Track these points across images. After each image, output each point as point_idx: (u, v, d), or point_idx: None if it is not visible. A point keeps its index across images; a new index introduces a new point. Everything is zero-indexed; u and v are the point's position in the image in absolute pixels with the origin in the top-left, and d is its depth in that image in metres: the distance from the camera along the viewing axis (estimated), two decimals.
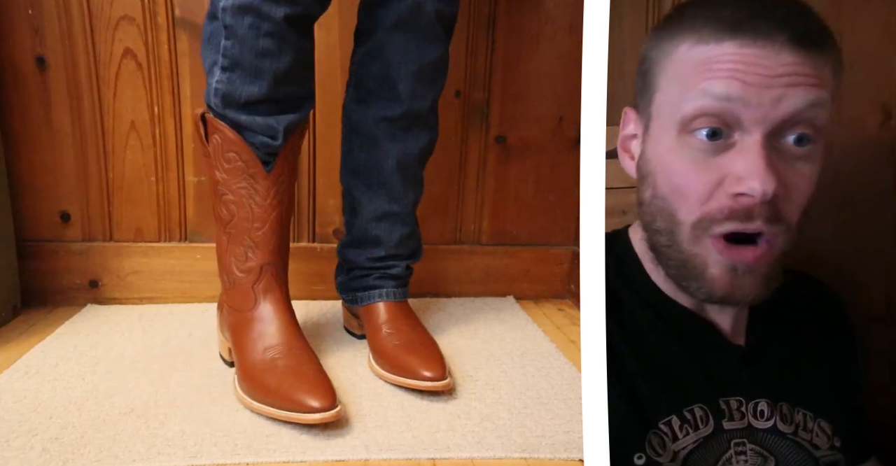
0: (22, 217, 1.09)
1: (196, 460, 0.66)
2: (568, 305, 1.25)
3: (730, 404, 0.54)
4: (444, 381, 0.80)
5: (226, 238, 0.84)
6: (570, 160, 1.22)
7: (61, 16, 1.04)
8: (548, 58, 1.17)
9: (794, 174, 0.50)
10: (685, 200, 0.51)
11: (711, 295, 0.52)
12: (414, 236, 0.99)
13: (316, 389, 0.72)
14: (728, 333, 0.56)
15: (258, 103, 0.78)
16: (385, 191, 0.94)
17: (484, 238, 1.25)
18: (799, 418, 0.55)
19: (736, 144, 0.49)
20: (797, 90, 0.48)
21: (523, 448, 0.70)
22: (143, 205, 1.13)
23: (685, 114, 0.50)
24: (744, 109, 0.48)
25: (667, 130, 0.52)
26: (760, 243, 0.51)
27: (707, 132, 0.49)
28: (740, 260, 0.51)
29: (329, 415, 0.70)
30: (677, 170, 0.51)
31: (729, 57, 0.49)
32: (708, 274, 0.52)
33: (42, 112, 1.07)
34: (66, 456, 0.65)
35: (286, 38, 0.76)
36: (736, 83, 0.48)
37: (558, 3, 1.15)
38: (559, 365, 0.94)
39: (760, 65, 0.48)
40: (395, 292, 0.96)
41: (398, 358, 0.85)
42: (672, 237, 0.52)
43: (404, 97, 0.88)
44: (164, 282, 1.14)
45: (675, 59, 0.52)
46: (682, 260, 0.52)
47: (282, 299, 0.84)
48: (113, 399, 0.78)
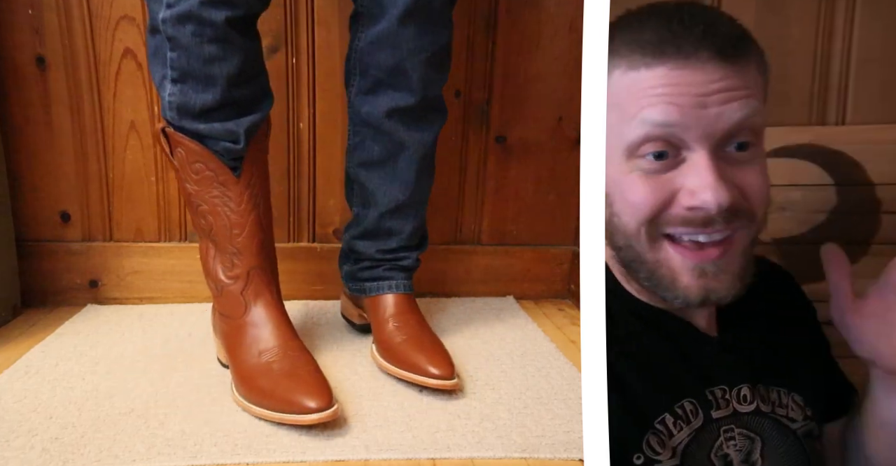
0: (22, 217, 1.09)
1: (196, 460, 0.66)
2: (568, 305, 1.25)
3: (715, 394, 0.55)
4: (452, 380, 0.80)
5: (210, 246, 0.84)
6: (570, 160, 1.22)
7: (61, 16, 1.04)
8: (548, 58, 1.17)
9: (744, 174, 0.52)
10: (637, 213, 0.53)
11: (688, 301, 0.54)
12: (422, 227, 0.99)
13: (312, 389, 0.72)
14: (703, 326, 0.58)
15: (214, 110, 0.77)
16: (400, 183, 0.93)
17: (484, 238, 1.25)
18: (774, 396, 0.58)
19: (685, 160, 0.51)
20: (732, 105, 0.50)
21: (523, 448, 0.70)
22: (143, 205, 1.13)
23: (630, 142, 0.52)
24: (685, 131, 0.50)
25: (614, 154, 0.54)
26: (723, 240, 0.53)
27: (653, 154, 0.51)
28: (707, 259, 0.53)
29: (326, 415, 0.70)
30: (628, 186, 0.53)
31: (661, 81, 0.50)
32: (678, 281, 0.53)
33: (42, 112, 1.07)
34: (66, 456, 0.65)
35: (231, 41, 0.75)
36: (673, 108, 0.50)
37: (558, 3, 1.15)
38: (559, 365, 0.94)
39: (692, 85, 0.50)
40: (404, 284, 0.95)
41: (405, 353, 0.84)
42: (632, 250, 0.54)
43: (418, 86, 0.86)
44: (164, 282, 1.14)
45: (611, 86, 0.53)
46: (649, 271, 0.54)
47: (272, 302, 0.84)
48: (113, 399, 0.78)
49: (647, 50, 0.51)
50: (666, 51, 0.50)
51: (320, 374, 0.76)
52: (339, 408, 0.73)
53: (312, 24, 1.09)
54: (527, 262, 1.26)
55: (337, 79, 1.11)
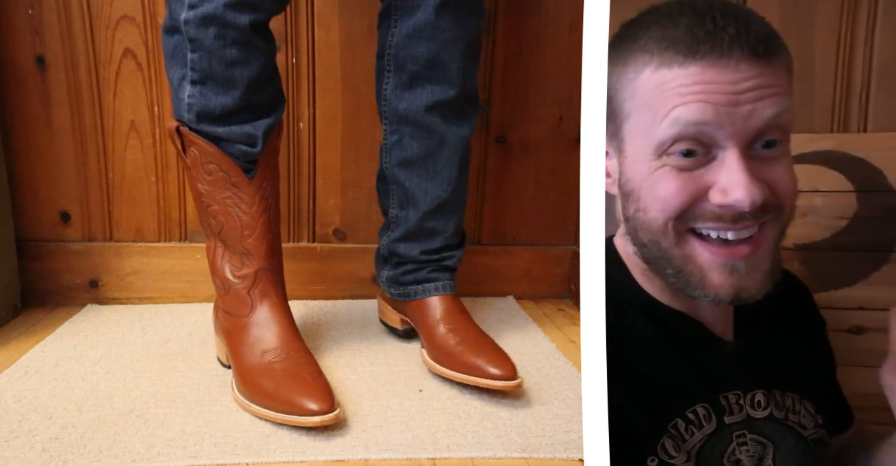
0: (22, 217, 1.10)
1: (196, 460, 0.66)
2: (568, 305, 1.25)
3: (728, 399, 0.55)
4: (516, 380, 0.78)
5: (218, 245, 0.84)
6: (570, 160, 1.22)
7: (61, 16, 1.04)
8: (548, 58, 1.17)
9: (773, 171, 0.52)
10: (665, 206, 0.52)
11: (719, 299, 0.53)
12: (461, 225, 0.97)
13: (314, 392, 0.72)
14: (719, 330, 0.57)
15: (233, 113, 0.77)
16: (441, 180, 0.91)
17: (484, 238, 1.25)
18: (789, 402, 0.57)
19: (715, 158, 0.51)
20: (764, 102, 0.50)
21: (523, 448, 0.70)
22: (143, 205, 1.13)
23: (661, 140, 0.51)
24: (717, 130, 0.50)
25: (643, 153, 0.53)
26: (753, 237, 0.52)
27: (683, 152, 0.51)
28: (737, 256, 0.52)
29: (328, 418, 0.70)
30: (658, 184, 0.52)
31: (693, 79, 0.50)
32: (707, 279, 0.53)
33: (42, 112, 1.07)
34: (66, 456, 0.65)
35: (253, 45, 0.75)
36: (706, 106, 0.50)
37: (558, 3, 1.15)
38: (559, 365, 0.94)
39: (725, 83, 0.50)
40: (450, 285, 0.94)
41: (462, 355, 0.82)
42: (658, 246, 0.54)
43: (457, 78, 0.85)
44: (164, 282, 1.14)
45: (639, 85, 0.53)
46: (677, 267, 0.54)
47: (278, 303, 0.84)
48: (113, 399, 0.78)
49: (679, 48, 0.50)
50: (699, 49, 0.50)
51: (322, 377, 0.76)
52: (342, 412, 0.73)
53: (312, 24, 1.10)
54: (527, 262, 1.26)
55: (337, 80, 1.11)
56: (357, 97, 1.13)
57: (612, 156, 0.57)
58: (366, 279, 1.20)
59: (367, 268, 1.20)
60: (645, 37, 0.52)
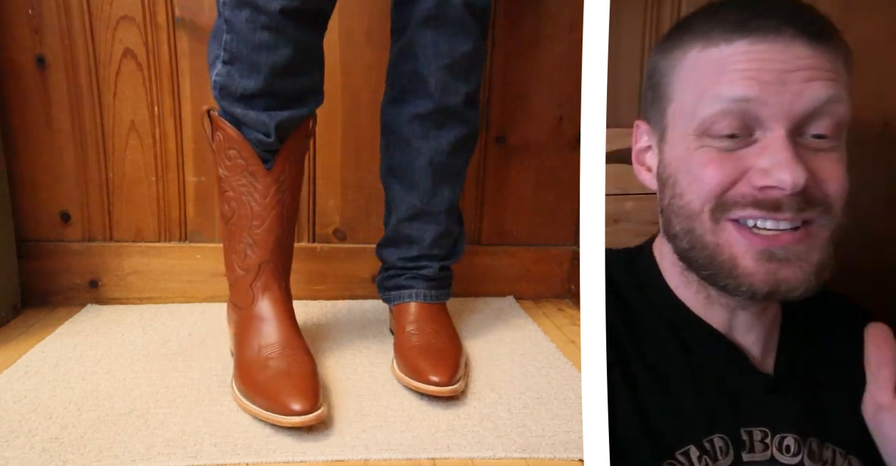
0: (22, 217, 1.09)
1: (196, 460, 0.66)
2: (568, 305, 1.25)
3: (752, 435, 0.51)
4: (449, 387, 0.79)
5: (228, 234, 0.85)
6: (570, 160, 1.22)
7: (61, 16, 1.04)
8: (548, 58, 1.17)
9: (821, 161, 0.48)
10: (703, 189, 0.49)
11: (753, 290, 0.48)
12: (449, 236, 0.98)
13: (299, 391, 0.72)
14: (757, 358, 0.53)
15: (254, 97, 0.78)
16: (417, 190, 0.93)
17: (484, 238, 1.25)
18: (828, 455, 0.51)
19: (758, 140, 0.48)
20: (815, 84, 0.47)
21: (523, 448, 0.70)
22: (143, 205, 1.13)
23: (703, 117, 0.48)
24: (762, 108, 0.47)
25: (685, 135, 0.50)
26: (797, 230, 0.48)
27: (726, 134, 0.48)
28: (776, 243, 0.48)
29: (308, 419, 0.69)
30: (697, 165, 0.49)
31: (741, 57, 0.47)
32: (740, 266, 0.48)
33: (42, 112, 1.07)
34: (66, 456, 0.65)
35: (283, 32, 0.76)
36: (752, 83, 0.47)
37: (558, 3, 1.15)
38: (559, 365, 0.94)
39: (775, 60, 0.47)
40: (426, 293, 0.95)
41: (412, 359, 0.84)
42: (692, 234, 0.50)
43: (434, 93, 0.87)
44: (164, 282, 1.14)
45: (686, 65, 0.50)
46: (709, 256, 0.49)
47: (280, 298, 0.84)
48: (113, 399, 0.78)
49: (727, 26, 0.48)
50: (748, 25, 0.47)
51: (313, 376, 0.76)
52: (325, 412, 0.72)
53: None
54: (527, 262, 1.26)
55: (336, 82, 1.11)
56: (357, 97, 1.13)
57: (653, 148, 0.54)
58: (366, 279, 1.20)
59: (367, 268, 1.20)
60: (696, 22, 0.51)
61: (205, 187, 1.14)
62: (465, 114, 0.91)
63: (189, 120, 1.11)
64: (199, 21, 1.07)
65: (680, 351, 0.52)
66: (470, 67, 0.88)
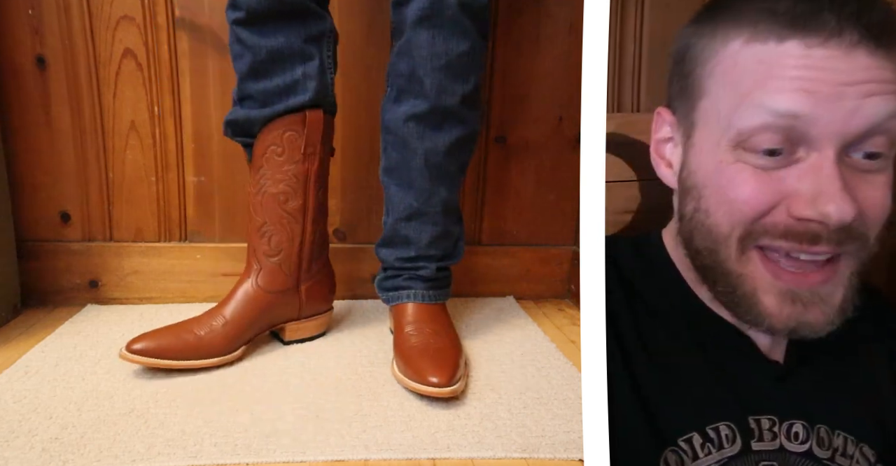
0: (22, 217, 1.09)
1: (196, 460, 0.66)
2: (568, 305, 1.25)
3: (760, 423, 0.48)
4: (448, 388, 0.79)
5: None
6: (570, 160, 1.22)
7: (61, 16, 1.04)
8: (548, 58, 1.17)
9: (868, 188, 0.43)
10: (735, 213, 0.44)
11: (773, 329, 0.45)
12: (447, 237, 0.97)
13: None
14: (766, 346, 0.51)
15: (241, 100, 0.90)
16: (414, 190, 0.93)
17: (484, 238, 1.25)
18: (839, 442, 0.49)
19: (802, 160, 0.42)
20: (875, 100, 0.41)
21: (523, 448, 0.70)
22: (143, 205, 1.13)
23: (742, 129, 0.43)
24: (812, 125, 0.41)
25: (716, 142, 0.45)
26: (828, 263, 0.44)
27: (767, 150, 0.43)
28: (803, 284, 0.44)
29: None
30: (730, 183, 0.44)
31: (794, 61, 0.41)
32: (762, 304, 0.45)
33: (42, 112, 1.07)
34: (66, 456, 0.65)
35: (243, 42, 0.86)
36: (803, 96, 0.41)
37: (558, 3, 1.15)
38: (559, 365, 0.94)
39: (832, 70, 0.40)
40: (423, 294, 0.95)
41: (411, 359, 0.84)
42: (715, 257, 0.46)
43: (430, 93, 0.87)
44: (164, 282, 1.14)
45: (726, 58, 0.44)
46: (730, 284, 0.46)
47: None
48: (113, 399, 0.78)
49: (780, 20, 0.41)
50: (807, 24, 0.41)
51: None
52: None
53: None
54: (527, 262, 1.26)
55: (337, 81, 1.11)
56: (356, 97, 1.13)
57: (677, 144, 0.50)
58: (366, 279, 1.20)
59: (367, 268, 1.20)
60: (743, 5, 0.44)
61: (205, 187, 1.14)
62: (463, 115, 0.91)
63: (189, 120, 1.11)
64: (199, 21, 1.07)
65: (688, 339, 0.50)
66: (467, 68, 0.88)
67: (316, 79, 0.89)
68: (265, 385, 0.83)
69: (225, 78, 1.09)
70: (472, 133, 0.94)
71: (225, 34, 1.08)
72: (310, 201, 0.93)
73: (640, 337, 0.49)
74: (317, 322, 1.00)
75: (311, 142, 0.91)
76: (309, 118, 0.90)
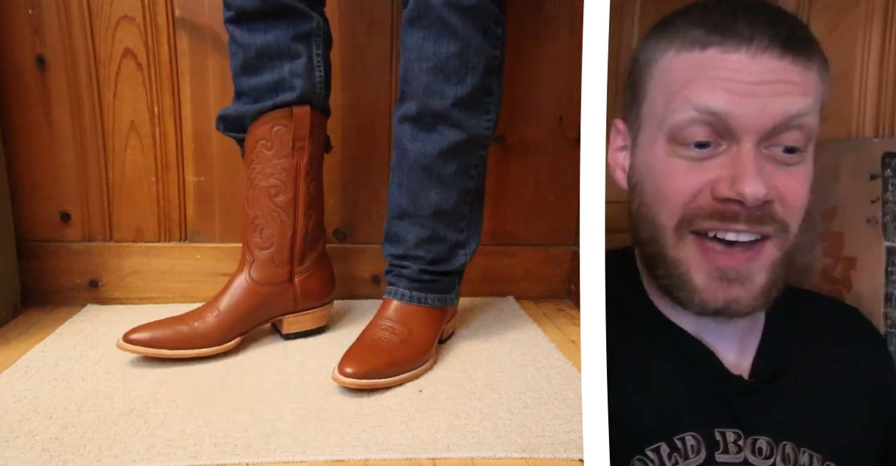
0: (22, 217, 1.09)
1: (196, 460, 0.66)
2: (568, 305, 1.25)
3: (726, 436, 0.51)
4: (349, 378, 0.79)
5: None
6: (570, 160, 1.22)
7: (61, 16, 1.04)
8: (548, 58, 1.17)
9: (786, 177, 0.49)
10: (668, 203, 0.50)
11: (704, 306, 0.50)
12: (439, 241, 0.94)
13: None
14: (731, 361, 0.54)
15: (237, 97, 0.93)
16: (405, 190, 0.93)
17: (484, 238, 1.24)
18: (804, 460, 0.51)
19: (725, 151, 0.49)
20: (782, 99, 0.47)
21: (523, 448, 0.70)
22: (143, 205, 1.13)
23: (673, 124, 0.49)
24: (731, 120, 0.48)
25: (655, 139, 0.51)
26: (753, 246, 0.49)
27: (697, 143, 0.49)
28: (729, 264, 0.49)
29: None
30: (663, 175, 0.50)
31: (713, 64, 0.48)
32: (694, 282, 0.50)
33: (42, 112, 1.07)
34: (66, 456, 0.65)
35: (235, 39, 0.90)
36: (722, 94, 0.47)
37: (558, 3, 1.15)
38: (559, 365, 0.94)
39: (744, 72, 0.47)
40: (404, 293, 0.94)
41: (349, 349, 0.85)
42: (656, 244, 0.51)
43: (418, 95, 0.87)
44: (164, 282, 1.14)
45: (662, 66, 0.51)
46: (667, 268, 0.51)
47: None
48: (113, 399, 0.78)
49: (704, 29, 0.49)
50: (725, 32, 0.48)
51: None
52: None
53: None
54: (527, 262, 1.26)
55: (337, 79, 1.11)
56: (356, 97, 1.13)
57: (627, 149, 0.54)
58: (366, 279, 1.20)
59: (368, 268, 1.20)
60: (677, 21, 0.51)
61: (205, 187, 1.14)
62: (458, 119, 0.88)
63: (189, 120, 1.11)
64: (199, 21, 1.07)
65: (654, 350, 0.53)
66: (458, 70, 0.85)
67: (303, 77, 0.91)
68: (265, 385, 0.83)
69: (225, 78, 1.09)
70: (472, 139, 0.90)
71: (225, 34, 1.08)
72: (300, 195, 0.95)
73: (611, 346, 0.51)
74: (314, 315, 1.01)
75: (298, 136, 0.93)
76: (296, 113, 0.92)
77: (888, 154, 0.61)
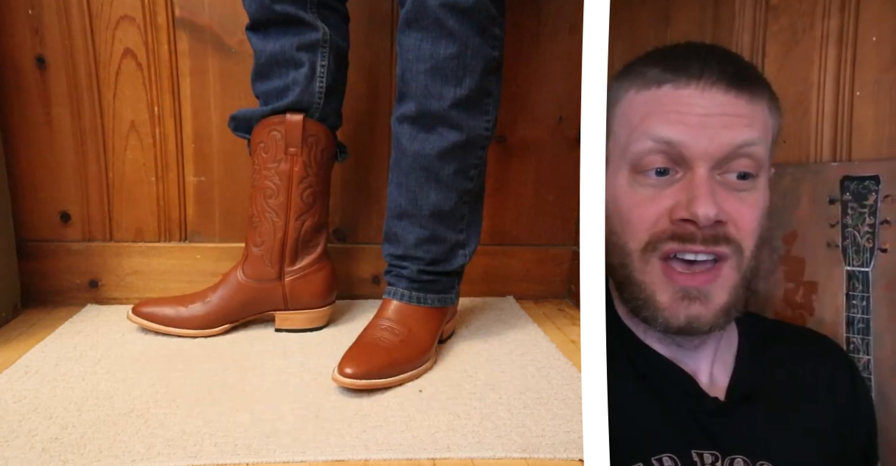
0: (22, 217, 1.10)
1: (196, 460, 0.66)
2: (568, 305, 1.25)
3: (703, 457, 0.53)
4: (348, 379, 0.80)
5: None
6: (570, 160, 1.22)
7: (61, 16, 1.04)
8: (548, 58, 1.17)
9: (738, 202, 0.53)
10: (634, 230, 0.54)
11: (667, 324, 0.54)
12: (438, 242, 0.94)
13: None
14: (705, 383, 0.56)
15: (257, 98, 0.98)
16: (404, 190, 0.93)
17: (484, 238, 1.24)
18: None
19: (682, 178, 0.53)
20: (730, 130, 0.52)
21: (523, 448, 0.70)
22: (143, 205, 1.13)
23: (634, 154, 0.54)
24: (685, 149, 0.52)
25: (620, 170, 0.55)
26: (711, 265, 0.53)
27: (656, 170, 0.53)
28: (690, 283, 0.53)
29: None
30: (628, 205, 0.55)
31: (668, 99, 0.53)
32: (658, 302, 0.54)
33: (42, 112, 1.07)
34: (66, 456, 0.65)
35: (252, 45, 0.95)
36: (675, 126, 0.52)
37: (558, 3, 1.15)
38: (559, 365, 0.94)
39: (695, 105, 0.52)
40: (404, 293, 0.94)
41: (349, 349, 0.85)
42: (625, 269, 0.55)
43: (416, 96, 0.87)
44: (164, 282, 1.14)
45: (624, 104, 0.56)
46: (634, 291, 0.55)
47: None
48: (113, 399, 0.78)
49: (660, 70, 0.54)
50: (678, 71, 0.53)
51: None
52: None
53: None
54: (527, 262, 1.26)
55: None
56: (357, 98, 1.13)
57: None
58: (366, 279, 1.20)
59: (367, 268, 1.20)
60: (638, 64, 0.56)
61: (205, 187, 1.14)
62: (457, 120, 0.88)
63: (189, 120, 1.11)
64: (199, 21, 1.07)
65: (632, 372, 0.56)
66: (457, 71, 0.85)
67: (302, 86, 0.93)
68: (265, 385, 0.83)
69: (225, 78, 1.09)
70: (473, 139, 0.90)
71: (225, 34, 1.09)
72: (292, 199, 0.97)
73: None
74: (306, 316, 1.03)
75: (290, 142, 0.95)
76: (288, 120, 0.94)
77: (847, 177, 0.63)
